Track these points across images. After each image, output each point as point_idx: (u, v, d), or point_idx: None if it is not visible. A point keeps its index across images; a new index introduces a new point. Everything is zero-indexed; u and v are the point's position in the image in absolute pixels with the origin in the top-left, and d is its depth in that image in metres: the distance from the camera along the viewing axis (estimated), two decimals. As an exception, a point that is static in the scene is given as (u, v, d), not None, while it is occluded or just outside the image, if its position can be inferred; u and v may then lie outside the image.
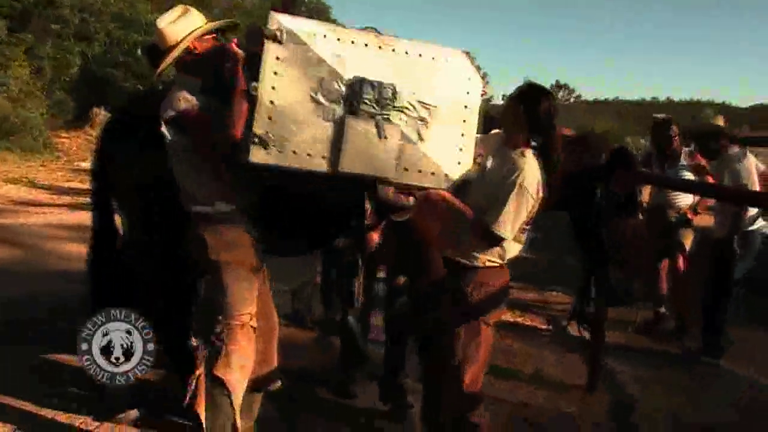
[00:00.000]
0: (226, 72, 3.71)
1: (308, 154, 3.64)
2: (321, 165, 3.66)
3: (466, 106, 3.94)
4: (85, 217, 5.18)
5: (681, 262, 7.24)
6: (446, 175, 3.88)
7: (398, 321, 4.93)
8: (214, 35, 3.98)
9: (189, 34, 3.88)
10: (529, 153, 3.92)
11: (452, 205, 3.86)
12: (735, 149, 6.68)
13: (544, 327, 7.58)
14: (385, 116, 3.75)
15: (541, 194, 3.89)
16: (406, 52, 3.83)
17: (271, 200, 4.11)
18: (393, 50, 3.81)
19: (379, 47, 3.79)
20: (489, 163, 4.04)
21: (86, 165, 17.61)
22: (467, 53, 4.03)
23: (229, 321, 3.88)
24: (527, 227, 4.02)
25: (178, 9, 3.94)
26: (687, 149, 7.29)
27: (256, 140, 3.57)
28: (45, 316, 6.16)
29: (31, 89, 18.97)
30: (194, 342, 4.41)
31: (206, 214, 3.88)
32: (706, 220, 7.38)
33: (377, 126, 3.74)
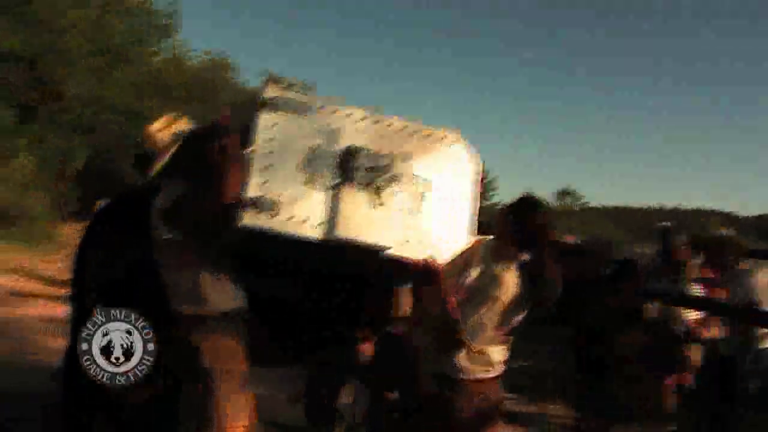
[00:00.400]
0: (217, 144, 3.63)
1: (303, 221, 3.52)
2: (315, 232, 3.54)
3: (462, 184, 3.87)
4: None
5: (688, 377, 6.95)
6: (445, 251, 3.72)
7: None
8: None
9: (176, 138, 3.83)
10: (513, 268, 3.88)
11: (443, 286, 3.72)
12: (748, 263, 6.44)
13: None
14: (381, 186, 3.69)
15: (521, 309, 3.85)
16: (401, 128, 3.82)
17: (260, 305, 3.94)
18: (388, 125, 3.80)
19: (375, 122, 3.79)
20: (474, 271, 4.01)
21: (87, 258, 17.25)
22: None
23: None
24: (507, 336, 3.93)
25: (169, 117, 3.94)
26: (696, 261, 7.05)
27: (249, 203, 3.44)
28: (28, 415, 5.90)
29: (36, 180, 18.94)
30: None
31: (200, 315, 3.67)
32: (716, 332, 7.11)
33: (373, 194, 3.66)
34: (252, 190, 3.47)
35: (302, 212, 3.53)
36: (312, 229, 3.53)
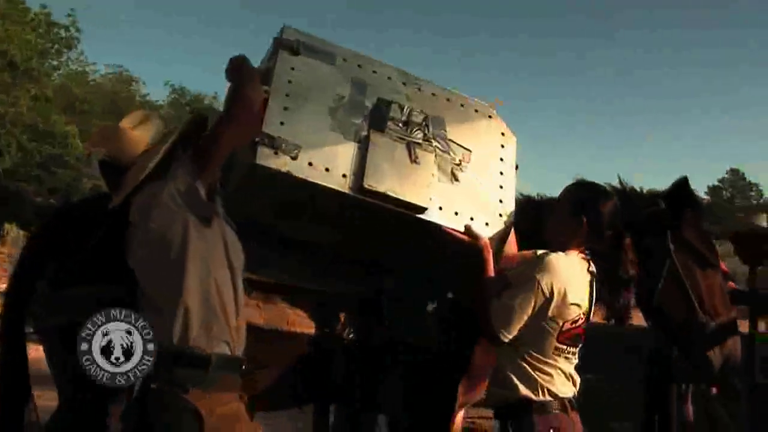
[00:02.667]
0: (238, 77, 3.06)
1: (326, 168, 3.14)
2: (340, 183, 3.14)
3: (501, 159, 3.56)
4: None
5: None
6: (487, 223, 3.35)
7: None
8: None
9: (168, 135, 3.07)
10: (577, 257, 3.30)
11: (487, 264, 3.25)
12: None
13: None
14: (416, 143, 3.32)
15: (567, 299, 3.16)
16: (434, 94, 3.54)
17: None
18: (419, 89, 3.51)
19: (404, 83, 3.49)
20: (521, 256, 3.53)
21: (-2, 287, 16.57)
22: None
23: None
24: (571, 346, 3.24)
25: (138, 113, 3.33)
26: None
27: (266, 140, 3.04)
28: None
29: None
30: None
31: (203, 359, 2.90)
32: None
33: (408, 148, 3.30)
34: (268, 128, 3.07)
35: (326, 159, 3.15)
36: (336, 179, 3.14)
